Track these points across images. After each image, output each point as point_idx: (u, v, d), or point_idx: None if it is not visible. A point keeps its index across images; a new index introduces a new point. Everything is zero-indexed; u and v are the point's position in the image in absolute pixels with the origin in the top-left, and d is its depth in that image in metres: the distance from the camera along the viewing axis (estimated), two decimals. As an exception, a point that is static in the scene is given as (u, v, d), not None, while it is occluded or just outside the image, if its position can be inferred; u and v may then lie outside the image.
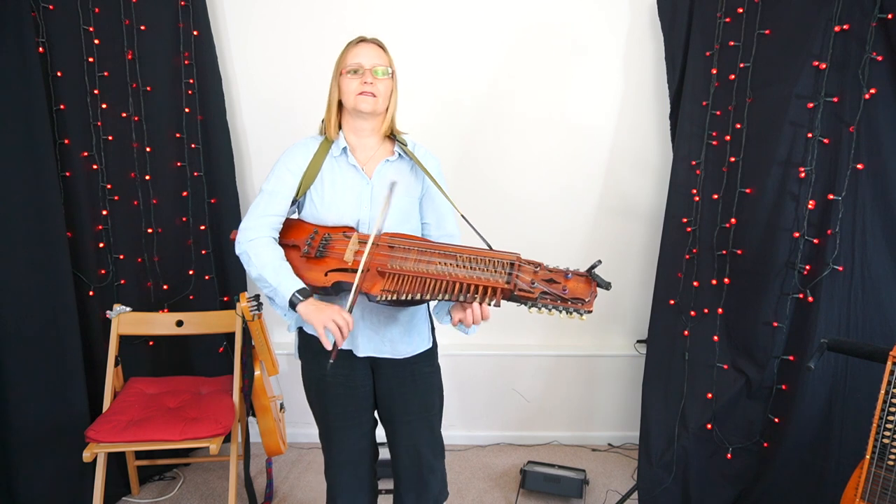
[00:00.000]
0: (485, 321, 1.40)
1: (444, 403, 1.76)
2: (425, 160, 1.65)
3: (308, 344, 1.68)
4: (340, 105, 1.62)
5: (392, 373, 1.66)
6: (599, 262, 1.31)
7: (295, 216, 1.67)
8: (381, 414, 1.74)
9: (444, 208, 1.65)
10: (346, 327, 1.41)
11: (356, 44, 1.60)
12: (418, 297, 1.38)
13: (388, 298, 1.40)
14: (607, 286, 1.30)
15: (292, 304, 1.46)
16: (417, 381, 1.67)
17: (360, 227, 1.57)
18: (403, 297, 1.39)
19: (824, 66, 1.93)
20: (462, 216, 1.58)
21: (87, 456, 1.97)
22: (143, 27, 2.37)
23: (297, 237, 1.58)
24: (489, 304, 1.34)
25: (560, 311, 1.31)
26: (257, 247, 1.52)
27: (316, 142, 1.64)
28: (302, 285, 1.47)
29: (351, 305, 1.42)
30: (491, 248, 1.48)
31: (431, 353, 1.71)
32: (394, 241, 1.50)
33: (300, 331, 1.70)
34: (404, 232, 1.56)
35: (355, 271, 1.43)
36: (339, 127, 1.64)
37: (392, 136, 1.66)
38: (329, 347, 1.42)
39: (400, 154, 1.64)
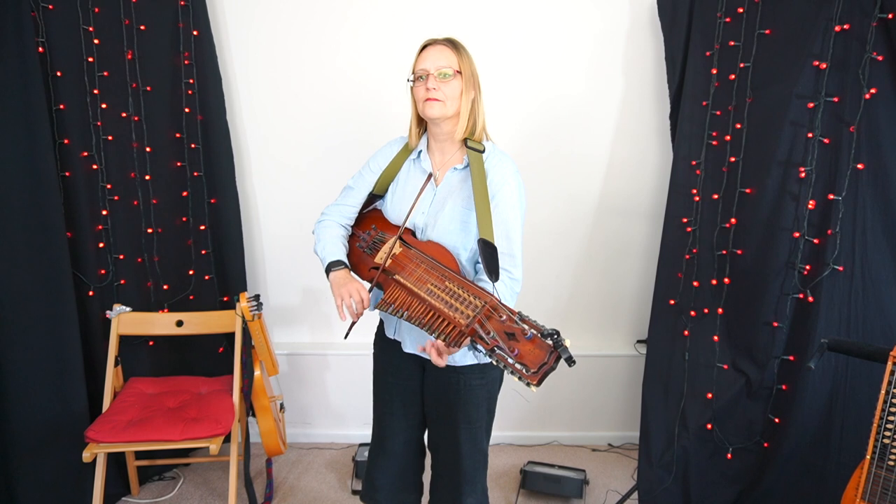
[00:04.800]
0: (445, 355, 1.34)
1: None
2: (492, 169, 1.55)
3: (379, 332, 1.78)
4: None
5: (440, 375, 1.65)
6: (557, 331, 1.14)
7: (381, 207, 1.74)
8: (427, 414, 1.75)
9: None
10: (361, 304, 1.50)
11: (422, 49, 1.57)
12: (401, 315, 1.39)
13: (383, 309, 1.44)
14: (569, 361, 1.11)
15: (327, 272, 1.60)
16: (464, 391, 1.64)
17: (416, 231, 1.58)
18: (392, 312, 1.42)
19: (824, 66, 1.93)
20: (480, 240, 1.45)
21: (86, 456, 1.97)
22: (143, 27, 2.37)
23: (362, 229, 1.72)
24: (446, 342, 1.28)
25: (510, 372, 1.14)
26: (322, 227, 1.71)
27: (403, 142, 1.70)
28: (338, 258, 1.61)
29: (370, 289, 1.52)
30: (493, 283, 1.38)
31: (485, 367, 1.65)
32: (415, 253, 1.49)
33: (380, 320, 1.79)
34: (451, 244, 1.52)
35: (384, 272, 1.52)
36: (424, 130, 1.66)
37: (467, 141, 1.59)
38: (343, 318, 1.52)
39: (468, 163, 1.58)
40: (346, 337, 1.61)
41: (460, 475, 1.70)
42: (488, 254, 1.42)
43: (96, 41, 2.27)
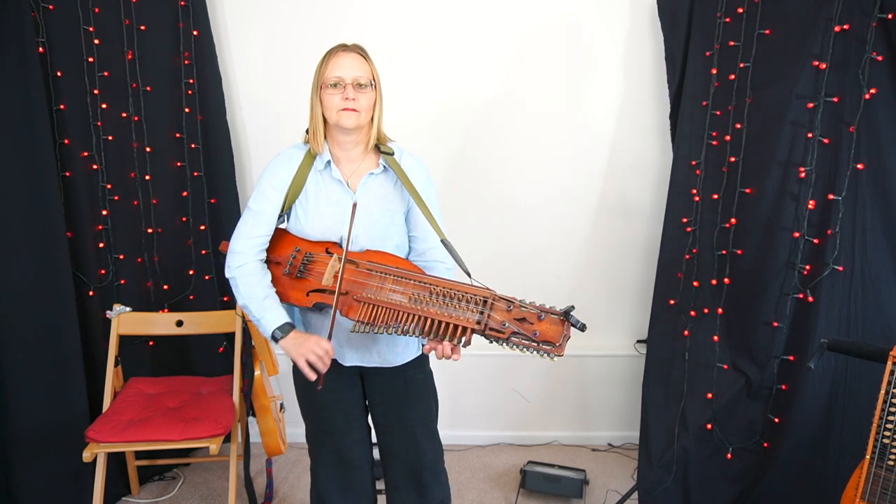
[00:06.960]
0: (455, 360, 1.40)
1: (444, 403, 1.76)
2: (412, 170, 1.59)
3: None
4: (325, 117, 1.57)
5: (383, 380, 1.66)
6: (573, 307, 1.30)
7: (284, 225, 1.64)
8: (375, 420, 1.74)
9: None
10: (327, 355, 1.44)
11: (335, 54, 1.52)
12: (391, 330, 1.39)
13: (362, 330, 1.42)
14: (582, 328, 1.29)
15: (274, 339, 1.50)
16: (411, 387, 1.67)
17: (341, 242, 1.53)
18: (376, 331, 1.40)
19: (824, 66, 1.93)
20: (443, 241, 1.51)
21: (87, 456, 1.97)
22: (143, 27, 2.37)
23: (280, 254, 1.58)
24: (458, 343, 1.34)
25: (531, 352, 1.29)
26: (244, 274, 1.53)
27: (300, 153, 1.60)
28: (283, 321, 1.50)
29: (329, 333, 1.46)
30: (470, 277, 1.43)
31: (421, 359, 1.70)
32: (372, 266, 1.47)
33: None
34: (388, 249, 1.53)
35: (334, 293, 1.45)
36: (325, 138, 1.59)
37: (378, 146, 1.59)
38: (312, 378, 1.46)
39: (385, 167, 1.59)
40: (321, 388, 1.47)
41: (424, 471, 1.70)
42: (452, 253, 1.50)
43: (96, 41, 2.27)
